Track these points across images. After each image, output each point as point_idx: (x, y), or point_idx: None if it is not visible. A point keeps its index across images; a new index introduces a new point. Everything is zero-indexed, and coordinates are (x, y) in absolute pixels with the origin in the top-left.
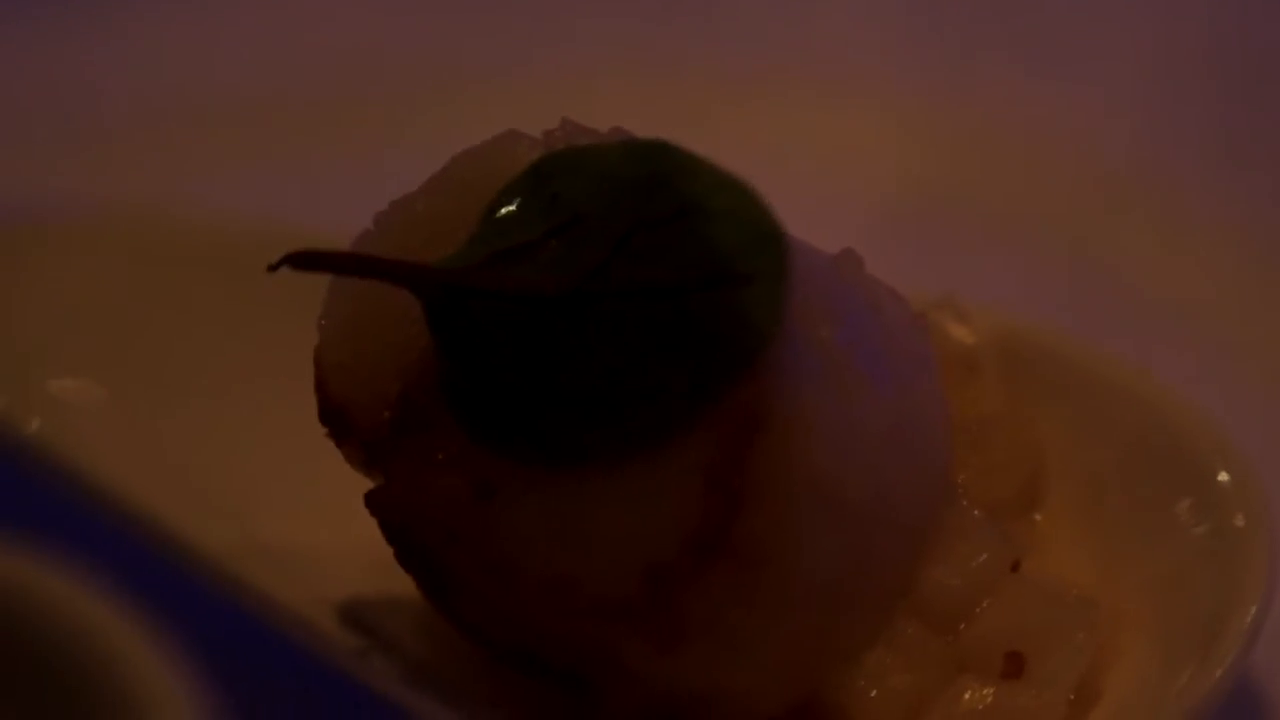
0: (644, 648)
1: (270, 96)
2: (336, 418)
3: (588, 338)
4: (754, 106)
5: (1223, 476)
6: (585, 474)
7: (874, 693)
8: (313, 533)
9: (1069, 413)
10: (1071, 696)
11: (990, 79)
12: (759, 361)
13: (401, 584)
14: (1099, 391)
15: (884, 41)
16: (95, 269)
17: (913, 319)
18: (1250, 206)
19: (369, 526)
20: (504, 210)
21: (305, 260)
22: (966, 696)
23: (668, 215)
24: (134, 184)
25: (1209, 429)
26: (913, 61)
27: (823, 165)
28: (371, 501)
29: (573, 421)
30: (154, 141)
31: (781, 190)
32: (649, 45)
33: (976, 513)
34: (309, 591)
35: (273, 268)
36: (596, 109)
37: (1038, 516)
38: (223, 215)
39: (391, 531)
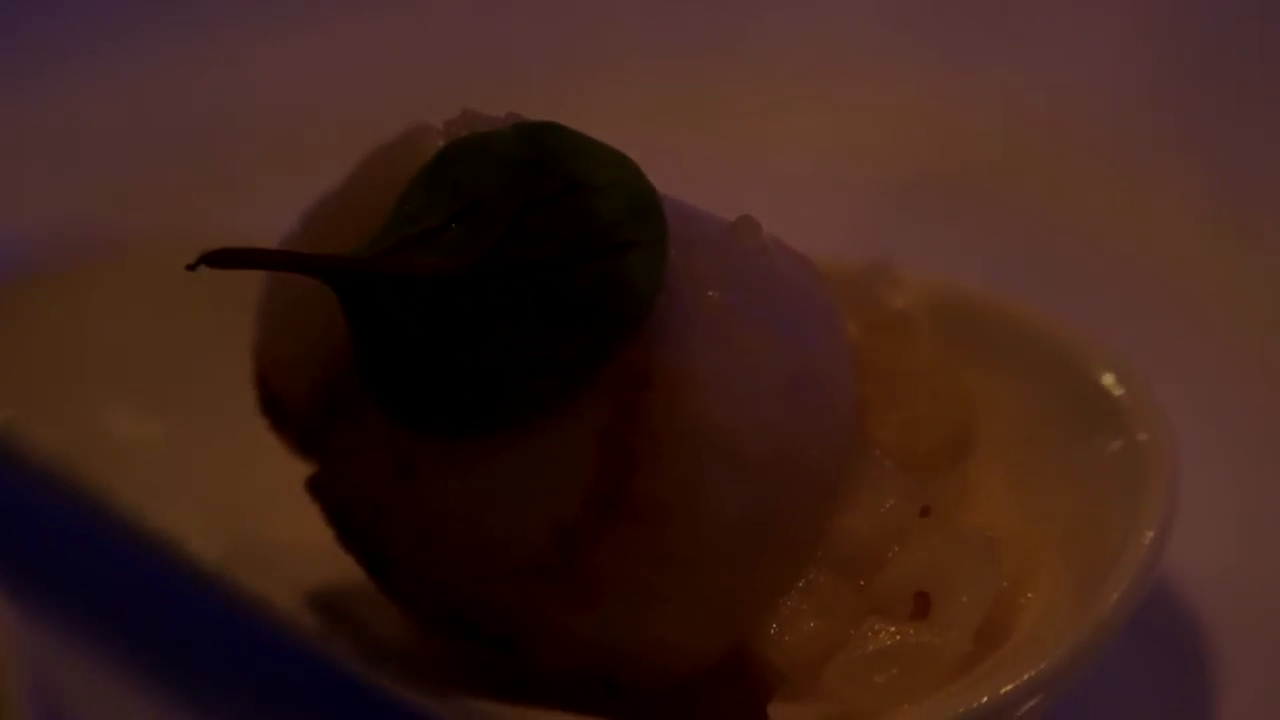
0: (562, 606)
1: (295, 133)
2: (275, 408)
3: (486, 315)
4: (741, 98)
5: (1129, 406)
6: (494, 444)
7: (787, 638)
8: (277, 522)
9: (1001, 366)
10: (977, 633)
11: (969, 62)
12: (645, 324)
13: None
14: (1028, 343)
15: (866, 32)
16: (122, 305)
17: (813, 280)
18: (1227, 182)
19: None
20: (412, 199)
21: (222, 258)
22: (874, 637)
23: (556, 193)
24: (149, 216)
25: (1120, 366)
26: (894, 47)
27: (813, 151)
28: (311, 486)
29: (479, 395)
30: (173, 175)
31: (774, 177)
32: (646, 39)
33: (888, 462)
34: (270, 577)
35: (191, 267)
36: (601, 109)
37: (970, 466)
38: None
39: (330, 514)
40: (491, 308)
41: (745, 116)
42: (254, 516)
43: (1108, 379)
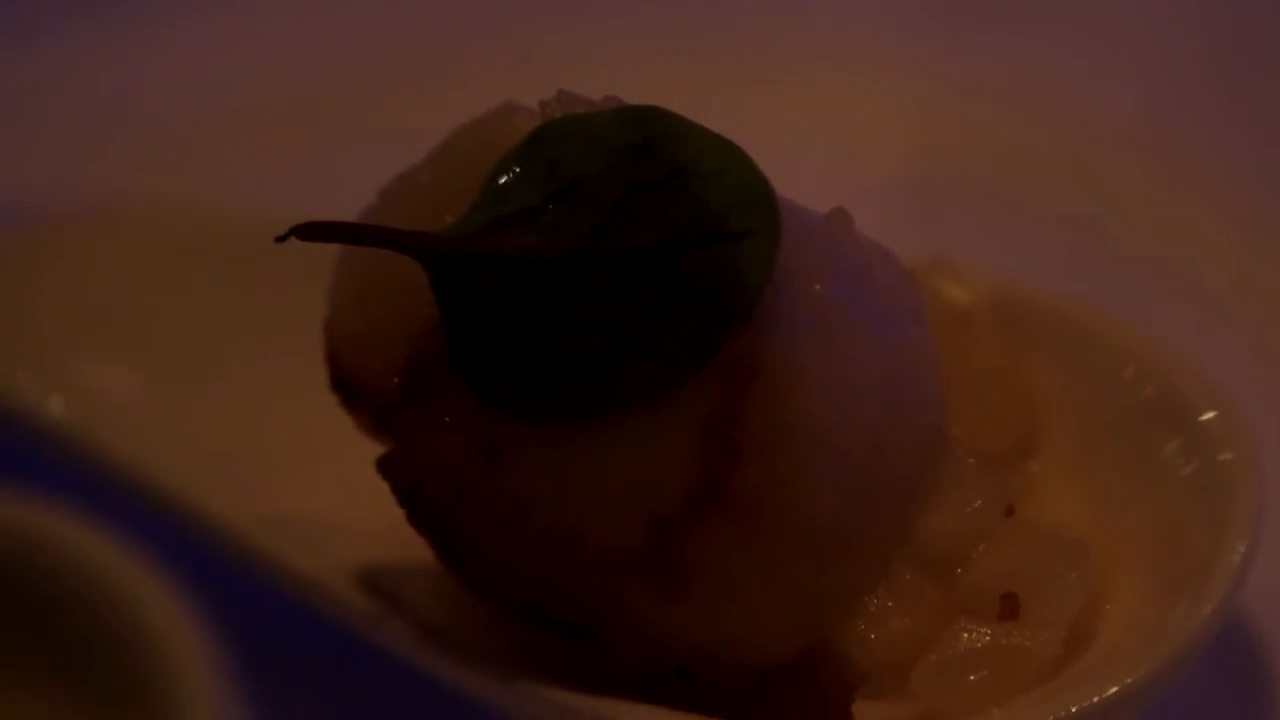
0: (649, 598)
1: (279, 96)
2: (346, 386)
3: (587, 298)
4: (754, 83)
5: (1208, 417)
6: (588, 431)
7: (874, 636)
8: (326, 502)
9: (1062, 365)
10: (1066, 636)
11: (989, 49)
12: (754, 315)
13: (415, 550)
14: (1089, 344)
15: (883, 15)
16: (117, 261)
17: (903, 275)
18: (1248, 167)
19: (382, 495)
20: (503, 179)
21: (312, 231)
22: (964, 638)
23: (661, 178)
24: (153, 181)
25: (1194, 374)
26: (912, 33)
27: (828, 138)
28: (383, 466)
29: (574, 380)
30: (173, 140)
31: (788, 164)
32: (649, 25)
33: (971, 461)
34: (324, 559)
35: (281, 239)
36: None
37: (1034, 466)
38: (234, 206)
39: (402, 495)
40: (593, 292)
41: (759, 101)
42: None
43: (1179, 383)
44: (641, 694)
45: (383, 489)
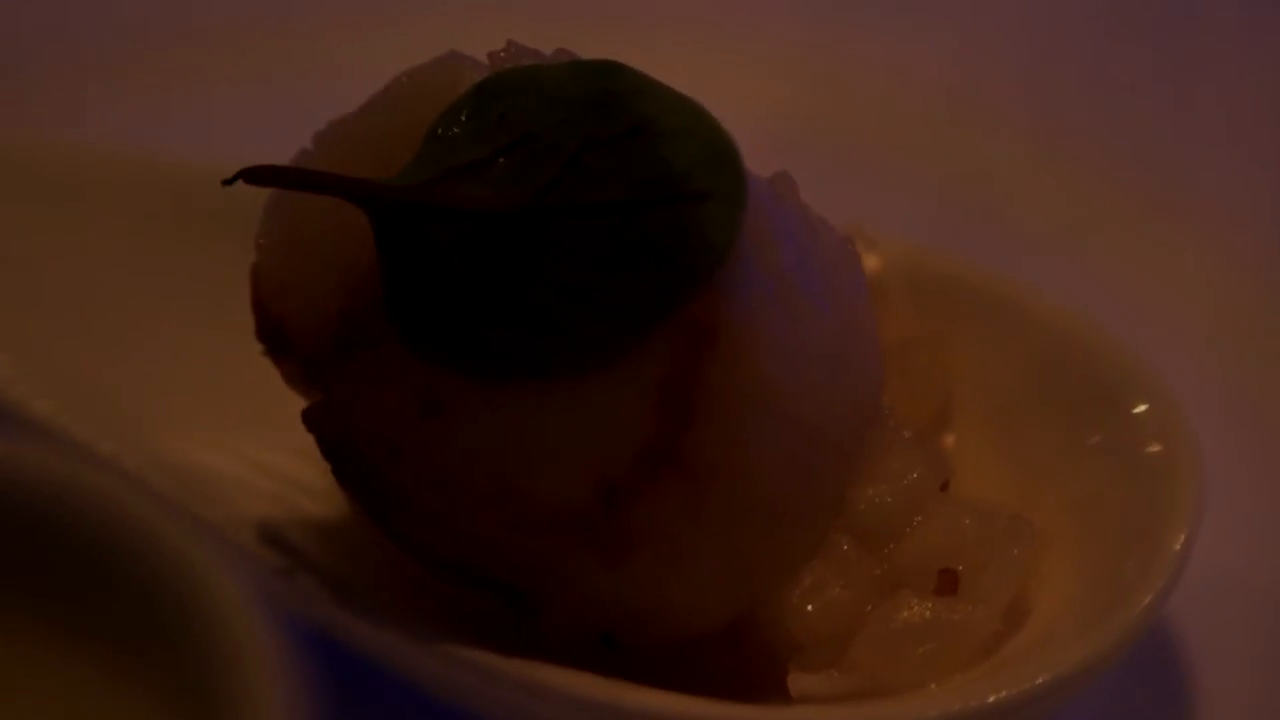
0: (590, 561)
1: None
2: (274, 334)
3: (540, 254)
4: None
5: (1140, 404)
6: (537, 388)
7: (810, 607)
8: (228, 453)
9: (976, 336)
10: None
11: (858, 27)
12: (713, 279)
13: (323, 506)
14: (1006, 315)
15: None
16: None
17: (842, 243)
18: (1131, 143)
19: (291, 447)
20: (450, 129)
21: (259, 175)
22: (903, 611)
23: (620, 133)
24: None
25: (1122, 354)
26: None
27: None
28: (310, 418)
29: (526, 337)
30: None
31: None
32: None
33: (906, 433)
34: (229, 511)
35: (227, 182)
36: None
37: (949, 439)
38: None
39: (330, 448)
40: (547, 247)
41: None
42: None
43: (1113, 364)
44: (563, 659)
45: (293, 442)
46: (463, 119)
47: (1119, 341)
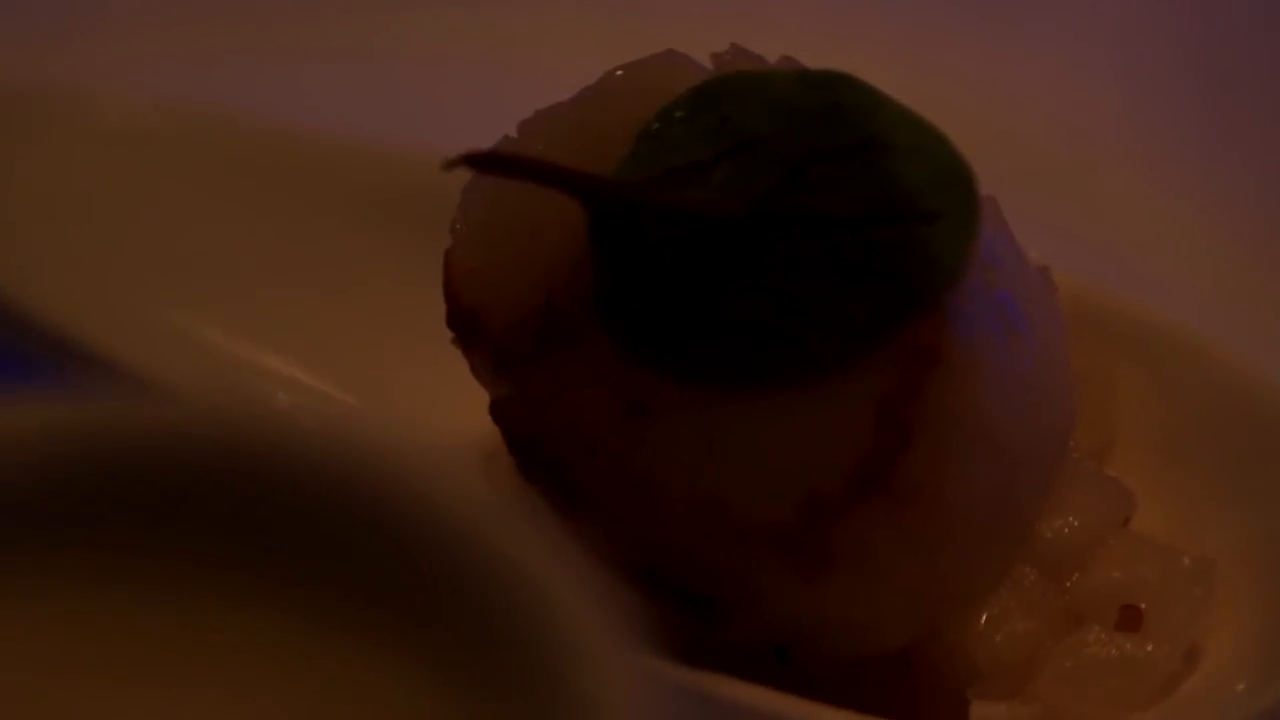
0: (788, 575)
1: None
2: (467, 323)
3: (762, 262)
4: None
5: None
6: (747, 397)
7: (998, 636)
8: None
9: (1138, 373)
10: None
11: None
12: (939, 301)
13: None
14: (1167, 353)
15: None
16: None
17: (1041, 272)
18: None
19: None
20: (668, 129)
21: (484, 162)
22: (1091, 646)
23: (848, 147)
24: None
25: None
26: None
27: None
28: (499, 411)
29: (741, 345)
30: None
31: None
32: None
33: (1090, 465)
34: None
35: (448, 166)
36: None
37: (1110, 473)
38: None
39: (520, 443)
40: (769, 256)
41: None
42: None
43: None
44: (729, 669)
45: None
46: (681, 119)
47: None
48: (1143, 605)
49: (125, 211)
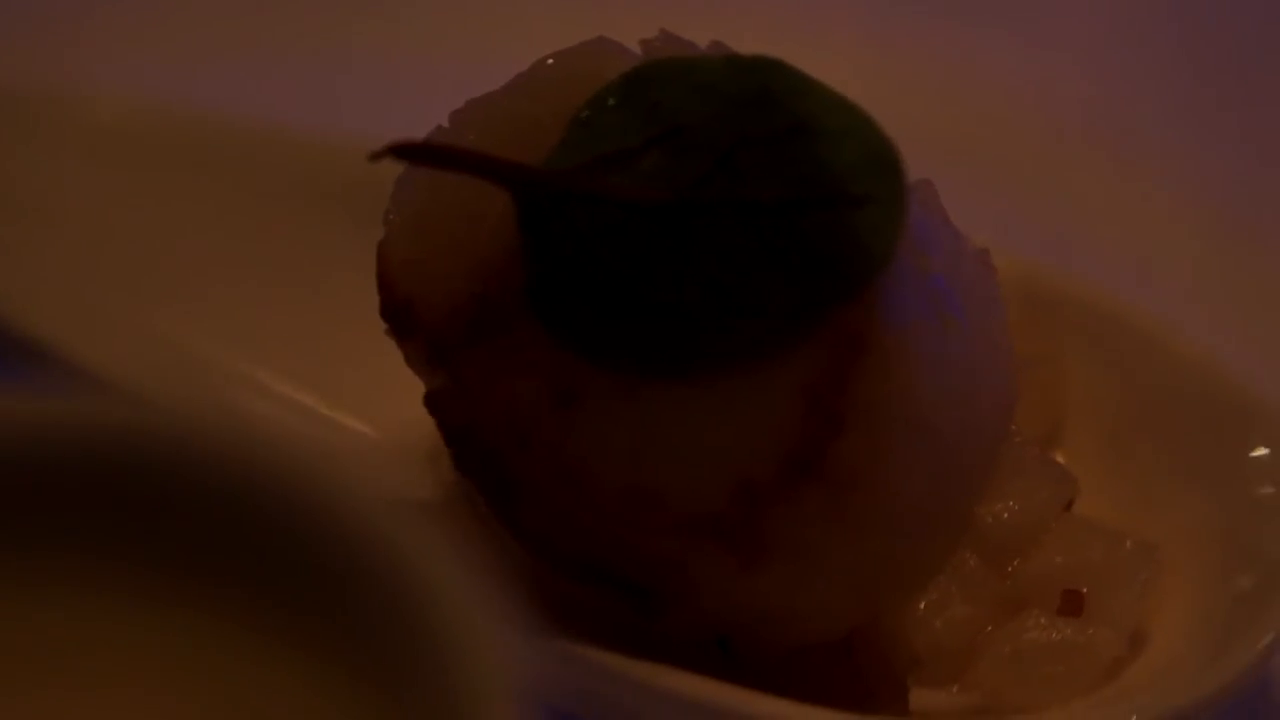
0: (723, 564)
1: None
2: (401, 314)
3: (690, 249)
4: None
5: (1260, 447)
6: (679, 385)
7: (938, 622)
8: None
9: (1090, 357)
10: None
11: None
12: (869, 286)
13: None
14: (1119, 337)
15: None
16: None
17: (980, 256)
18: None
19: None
20: (598, 116)
21: (409, 152)
22: (1031, 631)
23: (778, 132)
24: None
25: (1244, 389)
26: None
27: None
28: (433, 402)
29: (671, 332)
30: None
31: None
32: None
33: (1032, 450)
34: None
35: (374, 157)
36: None
37: (1059, 458)
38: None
39: (453, 434)
40: (698, 243)
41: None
42: None
43: (1234, 391)
44: (674, 660)
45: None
46: (611, 106)
47: (1241, 379)
48: (1085, 590)
49: (97, 212)
